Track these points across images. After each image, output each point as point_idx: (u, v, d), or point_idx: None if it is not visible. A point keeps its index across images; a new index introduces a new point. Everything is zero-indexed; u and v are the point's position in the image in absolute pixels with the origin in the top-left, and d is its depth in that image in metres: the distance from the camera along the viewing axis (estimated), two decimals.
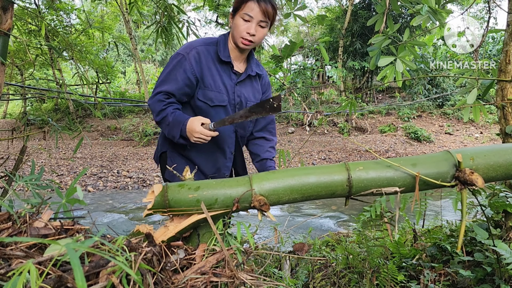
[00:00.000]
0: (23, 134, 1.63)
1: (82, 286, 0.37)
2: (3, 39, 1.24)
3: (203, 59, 1.20)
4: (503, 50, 1.52)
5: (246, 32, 1.14)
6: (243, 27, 1.14)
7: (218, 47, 1.22)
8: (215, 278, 0.66)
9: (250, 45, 1.17)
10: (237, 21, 1.15)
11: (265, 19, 1.14)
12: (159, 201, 0.77)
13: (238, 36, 1.16)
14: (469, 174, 0.77)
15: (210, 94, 1.20)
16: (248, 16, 1.13)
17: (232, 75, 1.24)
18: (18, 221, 0.76)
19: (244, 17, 1.13)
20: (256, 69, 1.30)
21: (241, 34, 1.15)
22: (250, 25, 1.14)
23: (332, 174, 0.80)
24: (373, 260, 1.63)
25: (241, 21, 1.14)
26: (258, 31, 1.16)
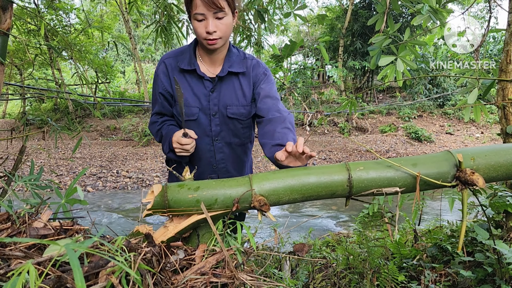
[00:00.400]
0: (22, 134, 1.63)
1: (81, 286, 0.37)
2: (2, 38, 1.24)
3: (170, 72, 1.16)
4: (504, 49, 1.51)
5: (204, 32, 1.05)
6: (200, 28, 1.05)
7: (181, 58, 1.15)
8: (215, 279, 0.66)
9: (217, 42, 1.07)
10: (193, 24, 1.07)
11: (216, 9, 1.02)
12: (159, 202, 0.77)
13: (201, 39, 1.08)
14: (470, 174, 0.76)
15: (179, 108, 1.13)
16: (199, 15, 1.03)
17: (205, 83, 1.15)
18: (18, 221, 0.75)
19: (197, 18, 1.04)
20: (234, 68, 1.15)
21: (202, 36, 1.06)
22: (206, 22, 1.03)
23: (333, 174, 0.80)
24: (374, 260, 1.63)
25: (196, 23, 1.05)
26: (217, 25, 1.04)
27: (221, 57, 1.16)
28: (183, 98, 0.98)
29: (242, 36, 2.77)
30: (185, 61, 1.14)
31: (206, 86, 1.15)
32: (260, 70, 1.20)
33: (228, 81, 1.16)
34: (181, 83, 1.14)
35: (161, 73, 1.17)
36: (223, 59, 1.16)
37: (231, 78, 1.17)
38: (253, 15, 2.41)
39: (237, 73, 1.16)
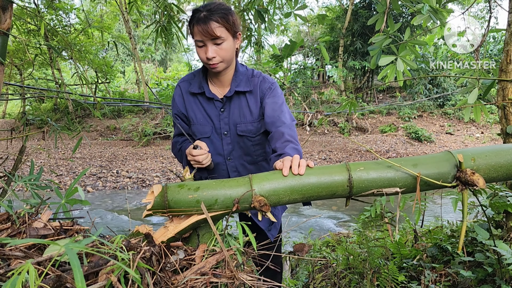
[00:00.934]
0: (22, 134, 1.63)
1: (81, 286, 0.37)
2: (2, 38, 1.24)
3: (184, 95, 1.23)
4: (504, 49, 1.51)
5: (205, 57, 1.09)
6: (201, 54, 1.10)
7: (195, 79, 1.23)
8: (215, 279, 0.66)
9: (218, 66, 1.11)
10: (196, 49, 1.12)
11: (211, 38, 1.06)
12: (159, 202, 0.77)
13: (204, 63, 1.14)
14: (470, 175, 0.76)
15: (193, 128, 1.23)
16: (199, 42, 1.08)
17: (216, 103, 1.20)
18: (18, 221, 0.75)
19: (198, 44, 1.09)
20: (240, 87, 1.19)
21: (203, 61, 1.12)
22: (205, 49, 1.08)
23: (333, 175, 0.79)
24: (374, 260, 1.62)
25: (198, 49, 1.11)
26: (216, 51, 1.08)
27: (229, 77, 1.20)
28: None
29: (242, 36, 2.77)
30: (195, 84, 1.21)
31: (217, 107, 1.20)
32: (266, 86, 1.22)
33: (236, 100, 1.20)
34: (194, 104, 1.22)
35: (177, 96, 1.25)
36: (230, 79, 1.20)
37: (239, 97, 1.21)
38: (253, 15, 2.41)
39: (244, 92, 1.20)
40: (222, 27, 1.06)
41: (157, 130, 12.38)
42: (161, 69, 24.12)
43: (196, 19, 1.06)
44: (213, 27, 1.04)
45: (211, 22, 1.04)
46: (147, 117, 13.67)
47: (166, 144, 11.86)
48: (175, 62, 28.77)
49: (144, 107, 14.05)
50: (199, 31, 1.05)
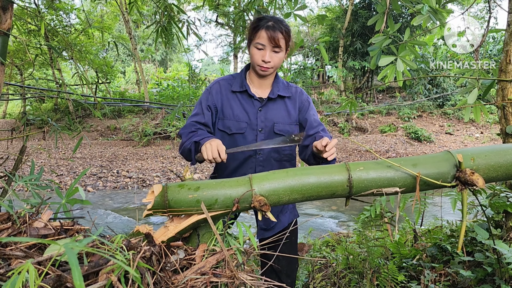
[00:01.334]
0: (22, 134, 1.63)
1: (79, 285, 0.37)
2: (2, 39, 1.24)
3: (223, 91, 1.31)
4: (504, 50, 1.51)
5: (261, 60, 1.21)
6: (257, 56, 1.22)
7: (234, 80, 1.33)
8: (215, 279, 0.66)
9: (268, 70, 1.24)
10: (252, 50, 1.24)
11: (277, 43, 1.20)
12: (159, 202, 0.77)
13: (255, 64, 1.25)
14: (470, 175, 0.76)
15: (228, 123, 1.30)
16: (260, 45, 1.20)
17: (254, 102, 1.31)
18: (18, 221, 0.75)
19: (257, 46, 1.21)
20: (281, 92, 1.33)
21: (257, 62, 1.23)
22: (264, 52, 1.21)
23: (333, 174, 0.80)
24: (374, 260, 1.63)
25: (255, 50, 1.22)
26: (272, 57, 1.22)
27: (268, 82, 1.33)
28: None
29: (242, 36, 2.77)
30: (237, 84, 1.32)
31: (255, 105, 1.31)
32: (304, 97, 1.39)
33: (276, 102, 1.34)
34: (233, 101, 1.31)
35: (214, 90, 1.32)
36: (270, 84, 1.34)
37: (279, 100, 1.34)
38: (253, 15, 2.41)
39: (283, 97, 1.35)
40: (284, 39, 1.21)
41: (157, 130, 12.38)
42: (161, 69, 24.13)
43: (265, 25, 1.19)
44: (279, 37, 1.19)
45: (279, 32, 1.19)
46: (147, 117, 13.67)
47: (166, 144, 11.86)
48: (175, 62, 28.78)
49: (145, 107, 14.06)
50: (266, 36, 1.18)
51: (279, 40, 1.19)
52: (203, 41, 18.78)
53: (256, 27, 1.21)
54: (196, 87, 15.42)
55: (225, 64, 20.53)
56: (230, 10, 14.76)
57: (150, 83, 19.30)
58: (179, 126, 12.02)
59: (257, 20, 1.23)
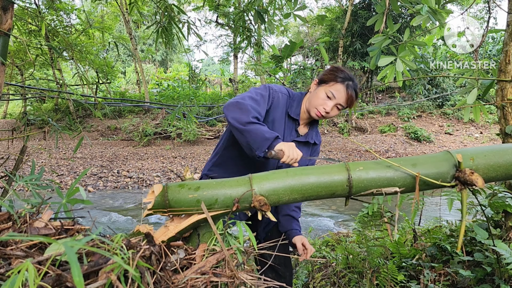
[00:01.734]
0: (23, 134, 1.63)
1: (79, 282, 0.37)
2: (3, 39, 1.24)
3: (280, 106, 1.28)
4: (503, 50, 1.52)
5: (323, 107, 1.20)
6: (322, 101, 1.20)
7: (291, 102, 1.29)
8: (215, 278, 0.66)
9: (321, 118, 1.24)
10: (320, 92, 1.21)
11: (346, 104, 1.22)
12: (159, 201, 0.77)
13: (313, 105, 1.23)
14: (469, 175, 0.77)
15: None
16: (331, 94, 1.19)
17: (293, 132, 1.31)
18: (18, 221, 0.76)
19: (327, 93, 1.20)
20: (315, 139, 1.36)
21: (318, 107, 1.21)
22: (330, 102, 1.20)
23: (332, 174, 0.80)
24: (373, 260, 1.63)
25: (323, 95, 1.20)
26: (333, 110, 1.22)
27: (308, 122, 1.35)
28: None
29: (242, 36, 2.78)
30: (293, 110, 1.29)
31: (292, 135, 1.32)
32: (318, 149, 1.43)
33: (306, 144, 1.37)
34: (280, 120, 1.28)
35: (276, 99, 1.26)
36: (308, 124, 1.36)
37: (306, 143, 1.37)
38: (253, 15, 2.41)
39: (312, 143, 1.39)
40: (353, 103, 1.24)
41: (158, 130, 12.38)
42: (161, 69, 24.13)
43: (346, 83, 1.20)
44: (353, 101, 1.22)
45: (354, 97, 1.22)
46: (147, 117, 13.67)
47: (167, 144, 11.87)
48: (176, 62, 28.78)
49: (145, 108, 14.05)
50: (343, 93, 1.19)
51: (351, 103, 1.22)
52: (203, 42, 18.77)
53: (336, 76, 1.21)
54: (196, 87, 15.42)
55: (225, 65, 20.54)
56: (230, 10, 14.77)
57: (151, 83, 19.30)
58: (179, 126, 12.02)
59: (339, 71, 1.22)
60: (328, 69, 1.26)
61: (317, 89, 1.24)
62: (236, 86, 15.84)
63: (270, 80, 16.80)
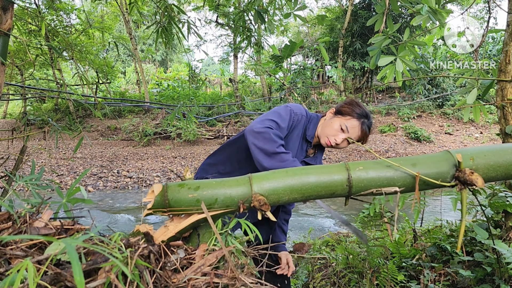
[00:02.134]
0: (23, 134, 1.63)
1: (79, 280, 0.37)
2: (3, 39, 1.24)
3: (299, 127, 1.28)
4: (503, 50, 1.52)
5: (334, 138, 1.21)
6: (335, 132, 1.21)
7: (308, 124, 1.30)
8: (216, 279, 0.67)
9: (329, 147, 1.25)
10: (335, 123, 1.22)
11: (357, 140, 1.23)
12: (159, 201, 0.77)
13: (325, 134, 1.23)
14: (469, 174, 0.77)
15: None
16: (345, 128, 1.20)
17: (304, 152, 1.33)
18: (18, 221, 0.76)
19: (342, 126, 1.21)
20: (318, 162, 1.39)
21: (329, 136, 1.22)
22: (342, 135, 1.21)
23: (332, 174, 0.80)
24: (373, 260, 1.63)
25: (337, 126, 1.21)
26: (343, 142, 1.22)
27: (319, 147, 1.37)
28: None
29: (242, 36, 2.78)
30: (309, 131, 1.30)
31: (302, 155, 1.33)
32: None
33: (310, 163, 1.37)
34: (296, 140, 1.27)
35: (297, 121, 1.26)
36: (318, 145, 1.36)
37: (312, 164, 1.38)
38: (253, 15, 2.41)
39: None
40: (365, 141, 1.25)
41: (158, 130, 12.39)
42: (161, 69, 24.14)
43: (362, 120, 1.21)
44: (365, 139, 1.24)
45: (367, 136, 1.24)
46: (147, 117, 13.67)
47: (167, 144, 11.87)
48: (176, 62, 28.79)
49: (145, 108, 14.06)
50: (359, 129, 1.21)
51: (363, 141, 1.23)
52: (203, 42, 18.77)
53: (353, 111, 1.21)
54: (196, 87, 15.43)
55: (225, 64, 20.55)
56: (230, 10, 14.77)
57: (151, 83, 19.30)
58: (179, 126, 12.02)
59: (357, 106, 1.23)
60: (347, 102, 1.27)
61: (332, 119, 1.25)
62: (236, 86, 15.85)
63: (270, 81, 16.81)
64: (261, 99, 15.09)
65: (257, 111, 13.25)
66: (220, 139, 12.47)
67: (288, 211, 1.52)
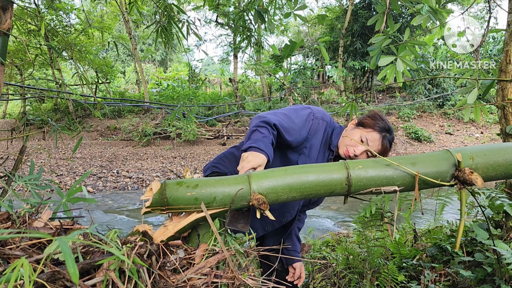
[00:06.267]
0: (22, 134, 1.63)
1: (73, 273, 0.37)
2: (2, 39, 1.24)
3: (319, 132, 1.26)
4: (504, 50, 1.51)
5: (353, 149, 1.19)
6: (354, 143, 1.19)
7: (333, 133, 1.28)
8: (215, 279, 0.66)
9: (347, 158, 1.22)
10: (355, 134, 1.20)
11: (377, 153, 1.18)
12: (157, 199, 0.77)
13: (345, 144, 1.21)
14: (469, 174, 0.76)
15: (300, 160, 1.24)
16: (366, 140, 1.18)
17: (325, 160, 1.30)
18: (18, 221, 0.75)
19: (362, 138, 1.19)
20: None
21: (348, 147, 1.20)
22: (362, 147, 1.18)
23: (331, 173, 0.79)
24: (374, 260, 1.63)
25: (358, 137, 1.19)
26: (362, 155, 1.20)
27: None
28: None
29: (242, 36, 2.77)
30: (334, 140, 1.27)
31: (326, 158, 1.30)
32: None
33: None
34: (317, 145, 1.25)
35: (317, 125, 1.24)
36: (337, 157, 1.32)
37: None
38: (253, 15, 2.41)
39: None
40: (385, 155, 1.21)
41: (157, 130, 12.38)
42: (161, 69, 24.13)
43: (384, 134, 1.19)
44: (386, 153, 1.21)
45: (388, 149, 1.21)
46: (147, 117, 13.67)
47: (166, 144, 11.86)
48: (175, 62, 28.78)
49: (144, 107, 14.06)
50: (379, 143, 1.18)
51: (383, 154, 1.19)
52: (203, 41, 18.78)
53: (375, 124, 1.20)
54: (196, 87, 15.41)
55: (225, 64, 20.54)
56: (230, 10, 14.76)
57: (150, 83, 19.29)
58: (179, 126, 12.01)
59: (380, 120, 1.22)
60: (370, 115, 1.25)
61: (353, 130, 1.23)
62: (236, 86, 15.84)
63: (270, 80, 16.80)
64: (261, 99, 15.09)
65: (257, 111, 13.25)
66: (220, 139, 12.47)
67: (302, 219, 1.49)
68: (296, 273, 1.39)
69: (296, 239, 1.46)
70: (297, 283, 1.40)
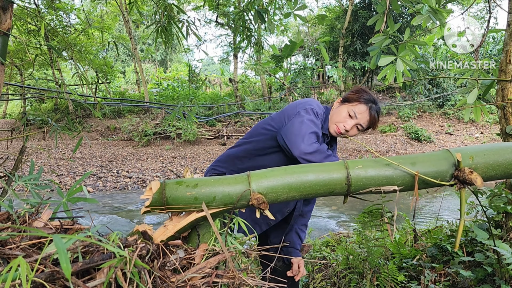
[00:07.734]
0: (22, 134, 1.63)
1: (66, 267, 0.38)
2: (2, 39, 1.24)
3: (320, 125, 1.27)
4: (504, 50, 1.51)
5: (343, 124, 1.20)
6: (343, 119, 1.20)
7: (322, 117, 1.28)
8: (216, 279, 0.66)
9: (339, 136, 1.24)
10: (342, 111, 1.21)
11: (367, 125, 1.21)
12: (157, 199, 0.77)
13: (334, 122, 1.22)
14: (469, 174, 0.76)
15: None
16: (353, 114, 1.19)
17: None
18: (18, 220, 0.75)
19: (350, 112, 1.20)
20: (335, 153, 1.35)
21: (338, 124, 1.21)
22: (351, 121, 1.20)
23: (331, 172, 0.79)
24: (374, 260, 1.63)
25: (345, 113, 1.20)
26: (353, 129, 1.22)
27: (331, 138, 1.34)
28: None
29: (242, 36, 2.77)
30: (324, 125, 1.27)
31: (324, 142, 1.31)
32: None
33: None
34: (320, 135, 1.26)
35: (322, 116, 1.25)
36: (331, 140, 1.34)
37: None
38: (253, 15, 2.41)
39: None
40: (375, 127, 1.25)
41: (157, 130, 12.38)
42: (161, 69, 24.14)
43: (369, 105, 1.20)
44: (375, 123, 1.22)
45: (377, 121, 1.22)
46: (147, 117, 13.67)
47: (166, 144, 11.87)
48: (175, 62, 28.78)
49: (144, 107, 14.06)
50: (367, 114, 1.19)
51: (373, 125, 1.22)
52: (203, 41, 18.79)
53: (360, 97, 1.21)
54: (196, 87, 15.41)
55: (225, 64, 20.55)
56: (230, 10, 14.77)
57: (150, 83, 19.30)
58: (179, 126, 12.01)
59: (364, 92, 1.23)
60: (353, 89, 1.27)
61: (339, 107, 1.24)
62: (236, 86, 15.84)
63: (270, 80, 16.80)
64: (261, 99, 15.09)
65: (257, 111, 13.25)
66: (220, 139, 12.47)
67: (304, 214, 1.48)
68: (294, 268, 1.39)
69: (297, 236, 1.47)
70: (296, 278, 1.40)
